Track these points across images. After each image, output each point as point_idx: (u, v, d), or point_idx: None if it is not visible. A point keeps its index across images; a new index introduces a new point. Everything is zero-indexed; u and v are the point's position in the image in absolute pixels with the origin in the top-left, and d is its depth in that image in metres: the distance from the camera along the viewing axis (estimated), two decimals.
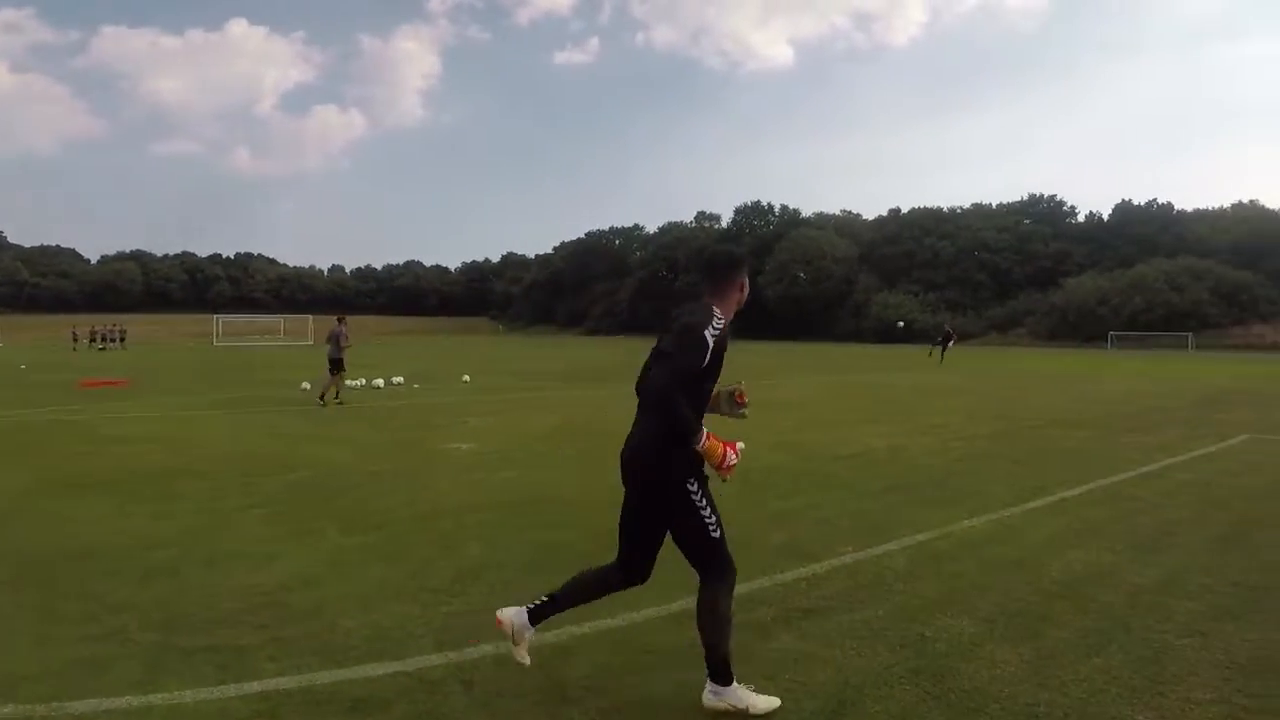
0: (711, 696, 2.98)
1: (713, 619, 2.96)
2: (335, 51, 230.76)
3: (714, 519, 3.02)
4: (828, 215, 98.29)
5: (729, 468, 2.92)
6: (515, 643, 3.11)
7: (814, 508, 6.46)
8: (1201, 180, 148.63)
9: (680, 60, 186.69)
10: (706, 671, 2.99)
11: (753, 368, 27.11)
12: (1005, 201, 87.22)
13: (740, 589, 4.51)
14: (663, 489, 2.95)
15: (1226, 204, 77.97)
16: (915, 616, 4.01)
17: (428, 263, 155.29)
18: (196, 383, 21.00)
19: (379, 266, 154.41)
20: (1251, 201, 76.20)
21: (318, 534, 5.59)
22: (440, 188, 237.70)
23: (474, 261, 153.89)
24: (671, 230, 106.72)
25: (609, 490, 7.38)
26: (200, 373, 25.66)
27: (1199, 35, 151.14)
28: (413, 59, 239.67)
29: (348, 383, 16.14)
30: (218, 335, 61.45)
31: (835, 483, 7.45)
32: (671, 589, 4.39)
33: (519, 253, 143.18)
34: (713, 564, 3.02)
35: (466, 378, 21.09)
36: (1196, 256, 66.27)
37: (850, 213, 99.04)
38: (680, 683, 3.25)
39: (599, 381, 20.83)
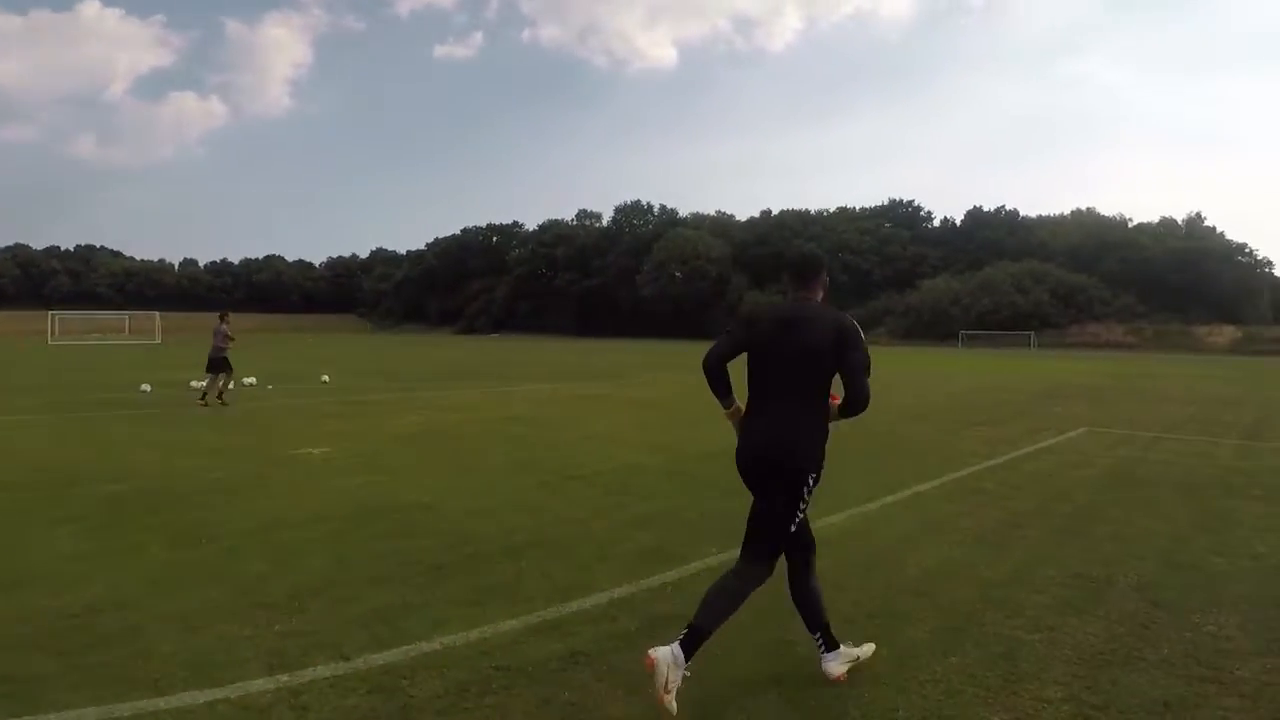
0: (681, 660, 2.93)
1: (728, 603, 3.13)
2: (197, 36, 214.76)
3: (802, 518, 3.24)
4: (704, 215, 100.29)
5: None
6: (666, 690, 2.83)
7: (680, 509, 6.38)
8: (1044, 188, 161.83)
9: (566, 59, 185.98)
10: (683, 637, 2.99)
11: (626, 366, 27.19)
12: (868, 205, 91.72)
13: (602, 597, 4.38)
14: (800, 475, 3.17)
15: (1066, 210, 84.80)
16: (777, 620, 3.95)
17: (290, 258, 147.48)
18: (23, 384, 18.96)
19: (236, 261, 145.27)
20: (1088, 209, 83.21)
21: (138, 550, 5.02)
22: (306, 181, 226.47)
23: (340, 257, 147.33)
24: (552, 228, 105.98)
25: (470, 496, 7.19)
26: (29, 373, 23.24)
27: (1047, 52, 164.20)
28: (282, 47, 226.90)
29: (245, 381, 15.68)
30: (53, 333, 56.07)
31: (702, 482, 7.42)
32: (531, 600, 4.18)
33: (390, 249, 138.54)
34: (768, 555, 3.24)
35: (326, 378, 20.00)
36: (1039, 260, 71.77)
37: (725, 213, 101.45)
38: (544, 700, 3.05)
39: (469, 381, 20.27)
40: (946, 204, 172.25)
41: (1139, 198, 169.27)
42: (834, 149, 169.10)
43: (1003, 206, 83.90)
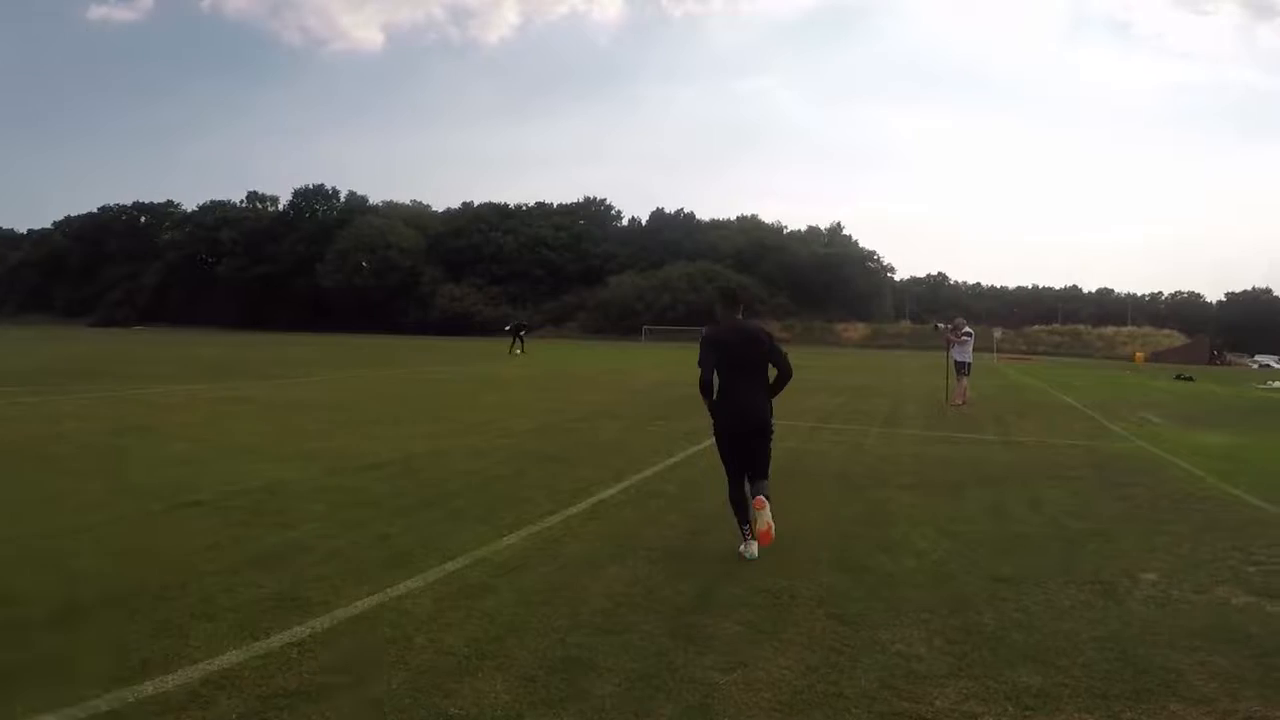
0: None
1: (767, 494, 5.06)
2: None
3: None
4: (397, 204, 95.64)
5: None
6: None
7: (326, 537, 5.23)
8: (718, 194, 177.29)
9: (253, 32, 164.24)
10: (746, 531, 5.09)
11: (294, 363, 24.43)
12: (565, 202, 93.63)
13: (194, 671, 3.19)
14: (770, 426, 5.28)
15: (734, 216, 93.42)
16: (439, 684, 3.14)
17: None
18: None
19: None
20: (752, 215, 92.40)
21: None
22: None
23: None
24: (215, 209, 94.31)
25: (39, 535, 5.28)
26: None
27: (730, 69, 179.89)
28: None
29: None
30: None
31: (361, 500, 6.29)
32: (83, 684, 2.89)
33: (5, 227, 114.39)
34: (766, 473, 5.23)
35: None
36: (711, 261, 78.19)
37: (421, 203, 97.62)
38: None
39: (85, 382, 16.63)
40: (635, 204, 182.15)
41: (793, 207, 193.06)
42: (537, 145, 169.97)
43: (682, 209, 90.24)
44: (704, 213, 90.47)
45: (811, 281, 77.09)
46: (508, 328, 35.72)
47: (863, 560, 5.04)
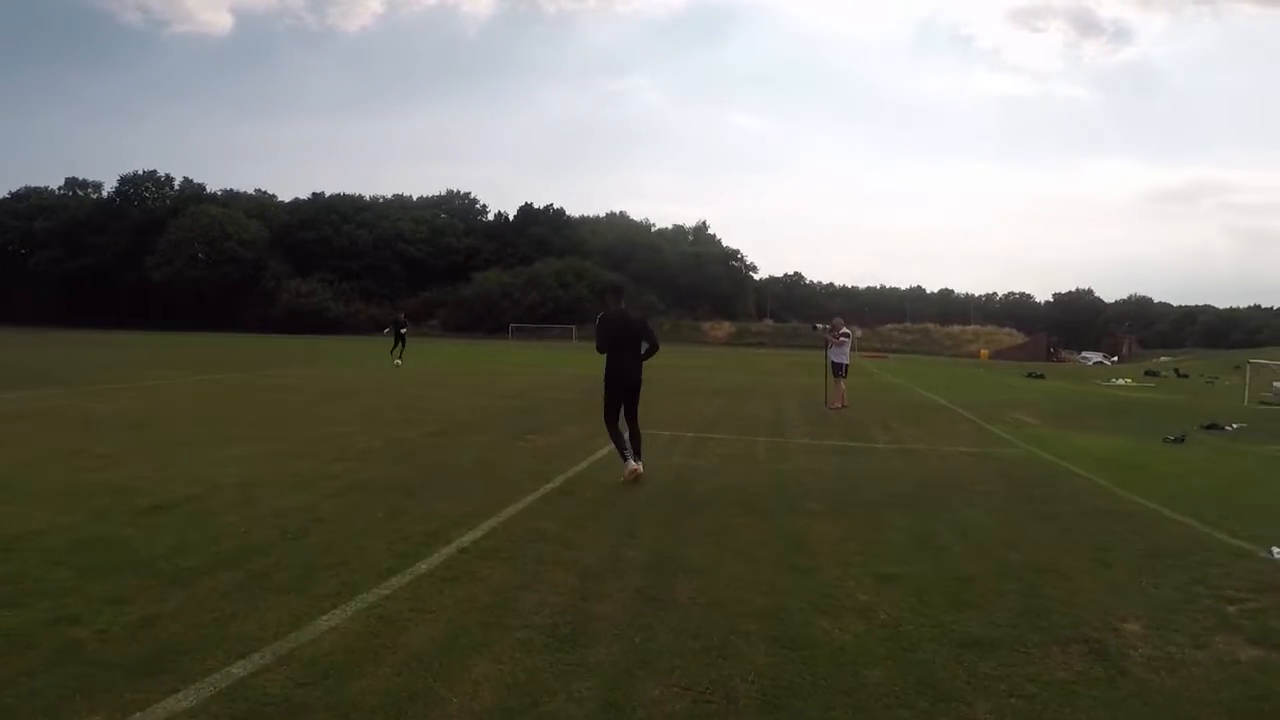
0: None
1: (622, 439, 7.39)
2: None
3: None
4: (238, 193, 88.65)
5: None
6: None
7: (60, 624, 3.64)
8: (587, 191, 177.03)
9: (85, 11, 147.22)
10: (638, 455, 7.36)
11: (105, 365, 21.27)
12: (425, 195, 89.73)
13: None
14: (639, 385, 7.60)
15: (603, 213, 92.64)
16: None
17: None
18: None
19: None
20: (621, 212, 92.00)
21: None
22: None
23: None
24: (29, 197, 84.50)
25: None
26: None
27: (598, 68, 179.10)
28: None
29: None
30: None
31: (127, 561, 4.62)
32: None
33: None
34: (636, 418, 7.63)
35: None
36: (579, 257, 76.94)
37: (265, 193, 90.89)
38: None
39: None
40: (502, 199, 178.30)
41: (662, 204, 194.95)
42: (397, 138, 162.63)
43: (551, 205, 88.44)
44: (573, 210, 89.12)
45: (679, 280, 77.40)
46: (386, 330, 27.76)
47: (801, 628, 3.94)
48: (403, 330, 26.25)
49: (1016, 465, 9.39)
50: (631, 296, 67.61)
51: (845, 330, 15.43)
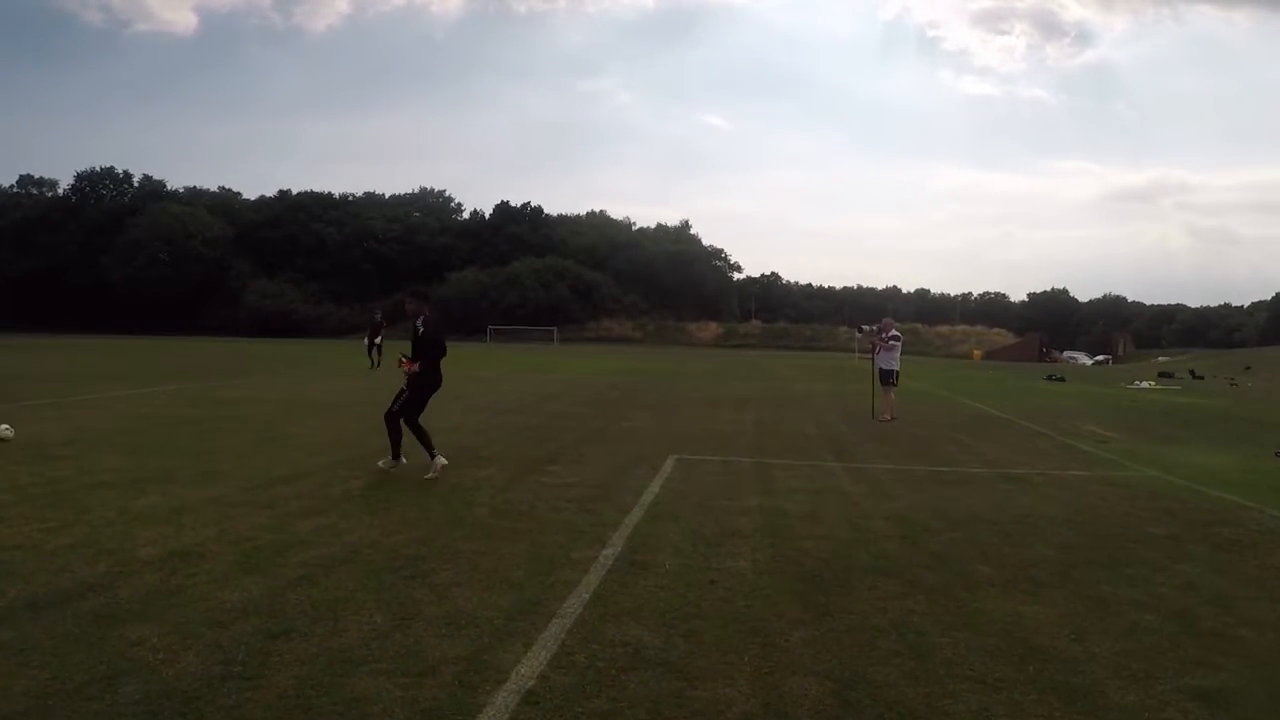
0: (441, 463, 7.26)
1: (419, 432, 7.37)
2: None
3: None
4: (201, 190, 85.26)
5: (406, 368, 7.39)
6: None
7: None
8: (565, 190, 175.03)
9: (46, 10, 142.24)
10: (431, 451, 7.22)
11: (45, 377, 18.79)
12: (398, 193, 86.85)
13: None
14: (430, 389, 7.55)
15: (583, 212, 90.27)
16: None
17: None
18: None
19: None
20: (601, 211, 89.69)
21: None
22: None
23: None
24: None
25: None
26: None
27: (571, 68, 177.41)
28: None
29: None
30: None
31: None
32: None
33: None
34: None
35: None
36: (560, 256, 74.54)
37: (229, 190, 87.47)
38: None
39: None
40: (477, 198, 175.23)
41: (640, 205, 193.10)
42: (367, 137, 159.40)
43: (528, 203, 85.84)
44: (551, 208, 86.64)
45: (663, 280, 75.31)
46: (379, 339, 23.96)
47: None
48: (378, 338, 23.99)
49: (1161, 495, 7.55)
50: (614, 297, 65.45)
51: (895, 332, 13.51)
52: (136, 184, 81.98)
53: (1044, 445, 11.11)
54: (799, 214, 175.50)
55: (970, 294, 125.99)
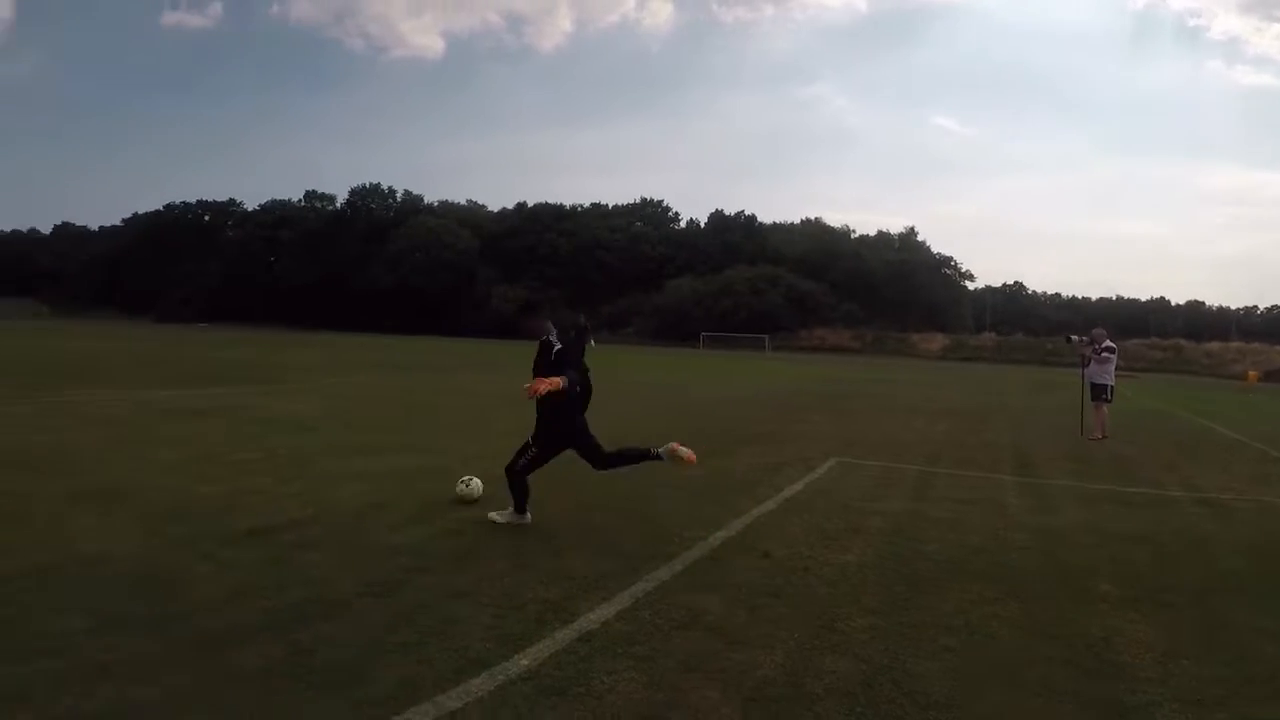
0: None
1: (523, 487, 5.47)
2: None
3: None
4: (452, 204, 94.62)
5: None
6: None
7: None
8: (779, 198, 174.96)
9: (317, 39, 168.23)
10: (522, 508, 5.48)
11: (309, 367, 22.13)
12: (621, 203, 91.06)
13: None
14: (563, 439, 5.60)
15: (797, 219, 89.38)
16: None
17: None
18: None
19: None
20: (816, 219, 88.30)
21: None
22: None
23: (17, 231, 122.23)
24: (275, 209, 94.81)
25: None
26: None
27: (783, 74, 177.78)
28: None
29: None
30: None
31: (150, 618, 3.46)
32: None
33: (78, 224, 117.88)
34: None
35: None
36: (772, 264, 74.41)
37: (476, 203, 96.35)
38: None
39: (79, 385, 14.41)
40: (693, 208, 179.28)
41: (859, 212, 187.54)
42: (591, 149, 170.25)
43: (742, 211, 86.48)
44: (764, 216, 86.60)
45: (883, 290, 72.72)
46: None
47: None
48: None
49: None
50: (830, 305, 63.69)
51: (1109, 344, 12.42)
52: (399, 198, 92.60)
53: (1273, 472, 9.81)
54: (1044, 218, 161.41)
55: (1256, 308, 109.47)
